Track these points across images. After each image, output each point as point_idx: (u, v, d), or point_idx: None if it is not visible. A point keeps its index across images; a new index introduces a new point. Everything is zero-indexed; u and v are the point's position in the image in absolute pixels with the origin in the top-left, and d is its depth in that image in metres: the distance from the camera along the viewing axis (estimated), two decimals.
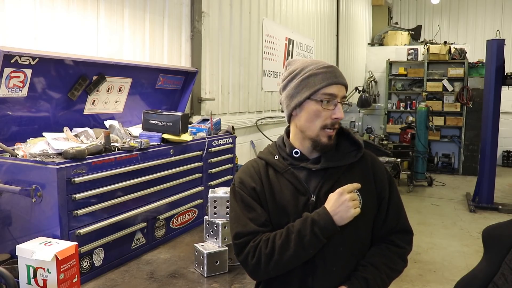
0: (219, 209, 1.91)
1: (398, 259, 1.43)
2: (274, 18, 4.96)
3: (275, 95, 5.08)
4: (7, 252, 1.70)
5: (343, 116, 1.39)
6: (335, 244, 1.37)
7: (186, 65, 3.24)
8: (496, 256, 1.52)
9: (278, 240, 1.32)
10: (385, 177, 1.47)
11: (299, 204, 1.39)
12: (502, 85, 6.02)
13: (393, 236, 1.45)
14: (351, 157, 1.44)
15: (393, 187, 1.49)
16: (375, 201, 1.43)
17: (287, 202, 1.40)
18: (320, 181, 1.40)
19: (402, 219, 1.48)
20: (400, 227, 1.47)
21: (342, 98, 1.39)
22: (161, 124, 2.21)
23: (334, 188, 1.37)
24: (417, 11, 11.36)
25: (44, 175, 1.60)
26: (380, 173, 1.47)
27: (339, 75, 1.40)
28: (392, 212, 1.45)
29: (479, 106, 7.78)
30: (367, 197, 1.41)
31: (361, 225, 1.40)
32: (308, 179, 1.42)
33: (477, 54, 9.20)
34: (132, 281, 1.75)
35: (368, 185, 1.42)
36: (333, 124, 1.39)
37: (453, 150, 8.96)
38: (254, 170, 1.46)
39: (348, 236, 1.37)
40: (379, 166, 1.49)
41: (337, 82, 1.38)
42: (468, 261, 4.20)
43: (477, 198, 6.28)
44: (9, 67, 1.75)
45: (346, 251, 1.39)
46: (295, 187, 1.41)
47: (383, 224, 1.45)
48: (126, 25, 2.65)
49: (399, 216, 1.47)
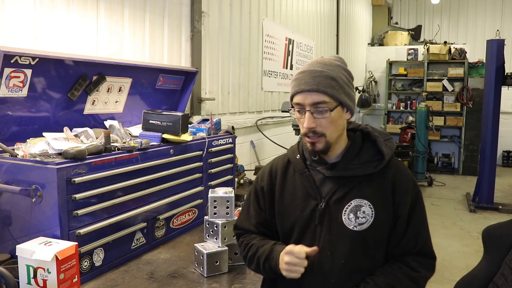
0: (219, 209, 1.91)
1: (408, 282, 1.30)
2: (274, 18, 4.96)
3: (275, 95, 5.08)
4: (7, 252, 1.70)
5: (311, 125, 1.28)
6: (324, 274, 1.32)
7: (186, 65, 3.24)
8: (496, 256, 1.52)
9: (249, 252, 1.44)
10: (408, 193, 1.34)
11: (308, 208, 1.37)
12: (502, 85, 6.01)
13: (409, 257, 1.33)
14: (370, 167, 1.33)
15: (417, 206, 1.35)
16: (390, 217, 1.32)
17: (297, 205, 1.39)
18: (333, 188, 1.35)
19: (422, 242, 1.34)
20: (419, 249, 1.34)
21: (311, 106, 1.28)
22: (161, 124, 2.21)
23: (346, 196, 1.33)
24: (417, 11, 11.36)
25: (44, 175, 1.60)
26: (402, 188, 1.34)
27: (305, 82, 1.29)
28: (411, 232, 1.33)
29: (479, 106, 7.77)
30: (381, 212, 1.31)
31: (370, 243, 1.31)
32: (322, 183, 1.37)
33: (477, 54, 9.19)
34: (132, 281, 1.75)
35: (384, 200, 1.32)
36: (306, 134, 1.31)
37: (453, 150, 8.96)
38: (271, 168, 1.49)
39: (343, 267, 1.31)
40: (402, 180, 1.35)
41: (300, 90, 1.29)
42: (468, 261, 4.20)
43: (477, 198, 6.28)
44: (9, 67, 1.75)
45: (341, 281, 1.31)
46: (307, 190, 1.38)
47: (398, 243, 1.34)
48: (126, 25, 2.65)
49: (418, 237, 1.34)
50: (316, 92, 1.28)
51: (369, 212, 1.31)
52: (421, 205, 1.37)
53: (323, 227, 1.34)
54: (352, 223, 1.31)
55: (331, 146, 1.34)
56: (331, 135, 1.32)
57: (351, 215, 1.32)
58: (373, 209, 1.31)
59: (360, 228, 1.31)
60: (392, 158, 1.38)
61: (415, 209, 1.34)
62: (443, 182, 7.82)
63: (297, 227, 1.39)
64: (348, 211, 1.32)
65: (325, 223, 1.34)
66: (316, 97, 1.28)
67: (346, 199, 1.33)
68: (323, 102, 1.28)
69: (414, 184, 1.37)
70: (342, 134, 1.38)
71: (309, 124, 1.29)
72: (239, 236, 1.54)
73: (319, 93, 1.28)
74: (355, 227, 1.31)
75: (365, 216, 1.31)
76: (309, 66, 1.34)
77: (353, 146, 1.38)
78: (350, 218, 1.32)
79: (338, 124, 1.33)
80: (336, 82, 1.31)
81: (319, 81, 1.28)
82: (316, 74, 1.30)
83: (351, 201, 1.32)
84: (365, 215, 1.31)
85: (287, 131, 5.15)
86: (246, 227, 1.51)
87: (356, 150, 1.37)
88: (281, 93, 5.25)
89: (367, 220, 1.31)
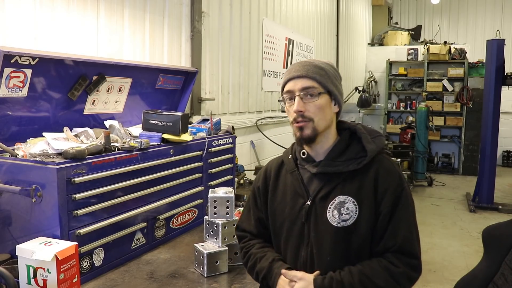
0: (219, 209, 1.91)
1: (384, 275, 1.27)
2: (274, 18, 4.96)
3: (275, 95, 5.08)
4: (7, 252, 1.70)
5: (300, 109, 1.33)
6: (312, 271, 1.35)
7: (186, 65, 3.24)
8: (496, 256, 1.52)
9: (249, 263, 1.50)
10: (391, 189, 1.32)
11: (296, 206, 1.40)
12: (502, 85, 6.02)
13: (389, 254, 1.31)
14: (354, 164, 1.35)
15: (401, 202, 1.33)
16: (373, 214, 1.32)
17: (286, 203, 1.44)
18: (319, 185, 1.38)
19: (403, 239, 1.31)
20: (399, 247, 1.30)
21: (301, 90, 1.34)
22: (161, 124, 2.21)
23: (331, 194, 1.35)
24: (417, 11, 11.36)
25: (44, 175, 1.60)
26: (385, 183, 1.33)
27: (295, 69, 1.37)
28: (392, 229, 1.31)
29: (479, 106, 7.78)
30: (364, 209, 1.32)
31: (355, 239, 1.32)
32: (310, 181, 1.41)
33: (477, 54, 9.20)
34: (132, 281, 1.75)
35: (367, 196, 1.32)
36: (296, 118, 1.35)
37: (453, 150, 8.97)
38: (267, 169, 1.55)
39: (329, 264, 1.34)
40: (386, 175, 1.34)
41: (290, 78, 1.37)
42: (468, 261, 4.20)
43: (477, 198, 6.28)
44: (9, 67, 1.75)
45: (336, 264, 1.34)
46: (296, 189, 1.42)
47: (379, 240, 1.32)
48: (126, 25, 2.65)
49: (398, 235, 1.30)
50: (306, 78, 1.35)
51: (353, 208, 1.32)
52: (405, 203, 1.34)
53: (310, 224, 1.37)
54: (336, 219, 1.32)
55: (318, 135, 1.36)
56: (318, 122, 1.35)
57: (335, 211, 1.33)
58: (357, 205, 1.32)
59: (344, 225, 1.32)
60: (379, 155, 1.38)
61: (398, 206, 1.32)
62: (443, 182, 7.82)
63: (285, 225, 1.43)
64: (332, 208, 1.34)
65: (312, 220, 1.37)
66: (305, 82, 1.34)
67: (331, 197, 1.35)
68: (311, 87, 1.34)
69: (400, 180, 1.35)
70: (330, 127, 1.40)
71: (298, 107, 1.33)
72: (240, 239, 1.60)
73: (308, 78, 1.34)
74: (339, 223, 1.32)
75: (348, 212, 1.32)
76: (297, 62, 1.42)
77: (339, 143, 1.40)
78: (334, 215, 1.33)
79: (325, 112, 1.36)
80: (324, 72, 1.37)
81: (308, 69, 1.36)
82: (305, 64, 1.38)
83: (335, 198, 1.34)
84: (348, 211, 1.32)
85: (287, 131, 5.16)
86: (246, 228, 1.57)
87: (341, 147, 1.39)
88: None
89: (351, 216, 1.31)
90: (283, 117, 4.98)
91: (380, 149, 1.38)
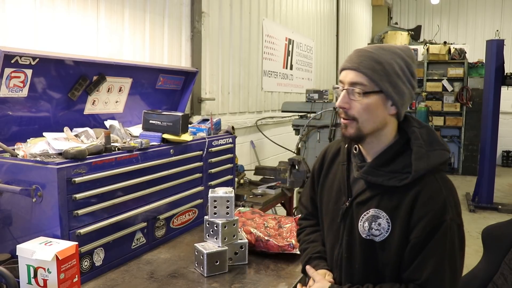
0: (219, 209, 1.91)
1: None
2: (274, 18, 4.96)
3: (275, 95, 5.08)
4: (8, 252, 1.70)
5: (343, 105, 1.22)
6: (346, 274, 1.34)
7: (186, 65, 3.25)
8: (496, 256, 1.52)
9: (299, 247, 1.59)
10: (428, 219, 1.16)
11: (338, 203, 1.35)
12: (502, 85, 6.03)
13: (411, 284, 1.20)
14: (395, 179, 1.20)
15: (438, 235, 1.16)
16: (403, 239, 1.19)
17: (331, 196, 1.39)
18: (361, 189, 1.28)
19: (432, 279, 1.16)
20: (423, 284, 1.17)
21: (349, 85, 1.20)
22: (161, 124, 2.22)
23: (368, 202, 1.25)
24: (417, 11, 11.36)
25: (45, 175, 1.61)
26: (422, 212, 1.17)
27: (349, 59, 1.23)
28: (420, 262, 1.18)
29: (478, 106, 7.78)
30: (396, 230, 1.20)
31: (382, 256, 1.23)
32: (355, 180, 1.32)
33: (477, 54, 9.20)
34: (132, 281, 1.75)
35: (402, 219, 1.19)
36: (339, 113, 1.26)
37: (453, 150, 8.96)
38: (326, 151, 1.51)
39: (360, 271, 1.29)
40: (426, 202, 1.18)
41: (343, 67, 1.24)
42: (468, 261, 4.16)
43: (477, 198, 6.29)
44: (9, 67, 1.75)
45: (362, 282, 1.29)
46: (340, 185, 1.36)
47: (407, 268, 1.21)
48: (126, 25, 2.66)
49: (428, 271, 1.16)
50: (355, 71, 1.20)
51: (385, 226, 1.21)
52: (444, 237, 1.16)
53: (345, 226, 1.32)
54: (366, 232, 1.24)
55: (364, 137, 1.24)
56: (363, 124, 1.22)
57: (366, 224, 1.24)
58: (390, 224, 1.21)
59: (373, 239, 1.24)
60: (430, 175, 1.20)
61: (432, 239, 1.16)
62: None
63: (327, 219, 1.41)
64: (364, 219, 1.25)
65: (347, 223, 1.31)
66: (354, 76, 1.20)
67: (367, 205, 1.25)
68: (360, 83, 1.19)
69: (443, 210, 1.17)
70: (383, 129, 1.25)
71: (340, 103, 1.22)
72: (299, 212, 1.69)
73: (358, 72, 1.19)
74: (368, 236, 1.24)
75: (379, 229, 1.22)
76: (358, 49, 1.26)
77: (390, 149, 1.25)
78: (364, 227, 1.25)
79: (374, 114, 1.21)
80: (381, 67, 1.19)
81: (361, 61, 1.20)
82: (362, 53, 1.22)
83: (370, 210, 1.24)
84: (380, 228, 1.22)
85: (287, 131, 5.15)
86: (304, 203, 1.62)
87: (391, 154, 1.24)
88: (281, 93, 5.25)
89: (381, 233, 1.22)
90: (283, 117, 4.98)
91: (432, 167, 1.20)
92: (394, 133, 1.28)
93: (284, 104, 4.34)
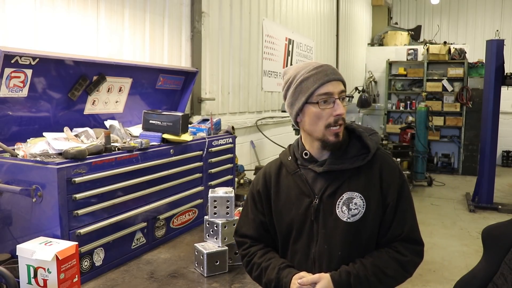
0: (219, 209, 1.91)
1: (394, 264, 1.36)
2: (274, 18, 4.96)
3: (275, 95, 5.09)
4: (8, 252, 1.70)
5: (344, 111, 1.36)
6: (323, 267, 1.38)
7: (186, 65, 3.25)
8: (496, 256, 1.52)
9: (254, 273, 1.49)
10: (395, 182, 1.40)
11: (302, 206, 1.42)
12: (502, 85, 6.02)
13: (397, 243, 1.39)
14: (358, 160, 1.39)
15: (404, 194, 1.41)
16: (380, 208, 1.38)
17: (291, 204, 1.45)
18: (325, 184, 1.40)
19: (410, 228, 1.40)
20: (406, 235, 1.39)
21: (340, 94, 1.37)
22: (161, 124, 2.22)
23: (338, 191, 1.38)
24: (417, 11, 11.36)
25: (45, 175, 1.61)
26: (389, 177, 1.40)
27: (331, 72, 1.38)
28: (399, 219, 1.39)
29: (478, 106, 7.77)
30: (371, 203, 1.37)
31: (364, 232, 1.38)
32: (314, 181, 1.42)
33: (477, 54, 9.19)
34: (132, 281, 1.75)
35: (373, 191, 1.38)
36: (336, 121, 1.36)
37: (452, 150, 8.96)
38: (265, 172, 1.56)
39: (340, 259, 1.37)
40: (388, 170, 1.41)
41: (329, 79, 1.36)
42: (468, 261, 4.20)
43: (477, 198, 6.28)
44: (9, 67, 1.75)
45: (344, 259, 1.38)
46: (301, 189, 1.43)
47: (387, 230, 1.39)
48: (126, 25, 2.66)
49: (406, 223, 1.39)
50: (340, 81, 1.39)
51: (361, 203, 1.37)
52: (407, 193, 1.42)
53: (319, 222, 1.40)
54: (346, 215, 1.37)
55: None
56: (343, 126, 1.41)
57: (344, 207, 1.37)
58: (364, 200, 1.37)
59: (353, 219, 1.37)
60: (378, 150, 1.44)
61: (402, 197, 1.40)
62: (443, 182, 7.82)
63: (294, 226, 1.44)
64: (341, 204, 1.38)
65: (320, 218, 1.40)
66: (341, 86, 1.39)
67: (338, 193, 1.39)
68: (344, 91, 1.40)
69: (400, 173, 1.43)
70: None
71: (342, 110, 1.36)
72: (239, 245, 1.57)
73: (341, 82, 1.39)
74: (349, 218, 1.37)
75: (357, 207, 1.37)
76: (316, 64, 1.41)
77: (343, 142, 1.42)
78: (343, 211, 1.37)
79: None
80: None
81: (337, 73, 1.41)
82: (332, 67, 1.41)
83: (343, 194, 1.38)
84: (357, 206, 1.37)
85: (287, 131, 5.16)
86: (247, 233, 1.55)
87: (343, 146, 1.42)
88: (281, 93, 5.23)
89: (359, 211, 1.36)
90: (283, 117, 4.98)
91: (377, 146, 1.44)
92: None
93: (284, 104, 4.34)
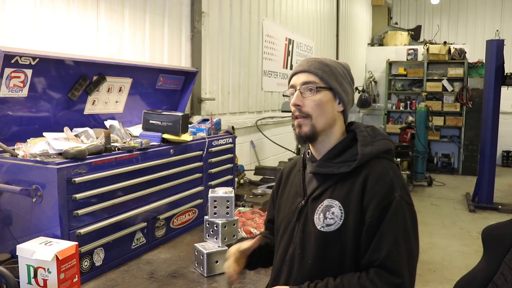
0: (219, 209, 1.91)
1: None
2: (274, 18, 4.96)
3: (275, 95, 5.09)
4: (8, 252, 1.70)
5: (298, 102, 1.30)
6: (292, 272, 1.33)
7: (186, 65, 3.25)
8: (496, 256, 1.52)
9: None
10: (379, 197, 1.21)
11: (294, 205, 1.40)
12: (502, 85, 6.02)
13: (372, 269, 1.19)
14: (344, 166, 1.28)
15: (390, 214, 1.20)
16: (358, 223, 1.22)
17: (289, 201, 1.44)
18: (315, 186, 1.35)
19: (387, 254, 1.17)
20: (382, 262, 1.18)
21: (302, 85, 1.32)
22: (161, 124, 2.22)
23: (322, 196, 1.30)
24: (417, 11, 11.36)
25: (45, 175, 1.61)
26: (373, 190, 1.22)
27: (302, 64, 1.35)
28: (377, 242, 1.19)
29: (478, 106, 7.78)
30: (350, 216, 1.23)
31: (336, 246, 1.24)
32: (310, 181, 1.39)
33: (477, 54, 9.20)
34: (132, 281, 1.75)
35: (354, 203, 1.23)
36: (293, 112, 1.33)
37: (452, 150, 8.97)
38: (286, 165, 1.59)
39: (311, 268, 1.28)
40: (375, 181, 1.23)
41: (295, 72, 1.36)
42: (468, 261, 4.20)
43: (477, 198, 6.29)
44: (9, 67, 1.75)
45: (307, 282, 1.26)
46: (297, 188, 1.43)
47: (364, 252, 1.22)
48: (126, 25, 2.65)
49: (385, 249, 1.18)
50: (307, 73, 1.33)
51: (338, 214, 1.25)
52: (394, 214, 1.20)
53: (299, 224, 1.35)
54: (321, 223, 1.27)
55: (319, 133, 1.32)
56: (316, 120, 1.31)
57: (321, 214, 1.28)
58: (343, 211, 1.24)
59: (328, 230, 1.25)
60: (375, 159, 1.28)
61: (386, 217, 1.20)
62: (443, 182, 7.83)
63: (283, 223, 1.43)
64: (319, 210, 1.29)
65: (301, 220, 1.34)
66: (306, 77, 1.32)
67: (321, 199, 1.30)
68: (312, 82, 1.32)
69: (390, 189, 1.22)
70: (333, 127, 1.35)
71: (295, 101, 1.31)
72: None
73: (310, 73, 1.32)
74: (323, 227, 1.26)
75: (333, 217, 1.25)
76: (307, 58, 1.41)
77: (339, 144, 1.35)
78: (319, 218, 1.28)
79: (325, 109, 1.31)
80: (329, 69, 1.34)
81: (311, 64, 1.34)
82: (311, 60, 1.36)
83: (324, 201, 1.29)
84: (333, 216, 1.25)
85: (287, 131, 5.16)
86: (265, 222, 1.66)
87: (340, 148, 1.33)
88: (281, 93, 5.25)
89: (335, 222, 1.24)
90: (283, 117, 4.98)
91: (379, 153, 1.29)
92: (342, 132, 1.38)
93: (284, 104, 4.34)
